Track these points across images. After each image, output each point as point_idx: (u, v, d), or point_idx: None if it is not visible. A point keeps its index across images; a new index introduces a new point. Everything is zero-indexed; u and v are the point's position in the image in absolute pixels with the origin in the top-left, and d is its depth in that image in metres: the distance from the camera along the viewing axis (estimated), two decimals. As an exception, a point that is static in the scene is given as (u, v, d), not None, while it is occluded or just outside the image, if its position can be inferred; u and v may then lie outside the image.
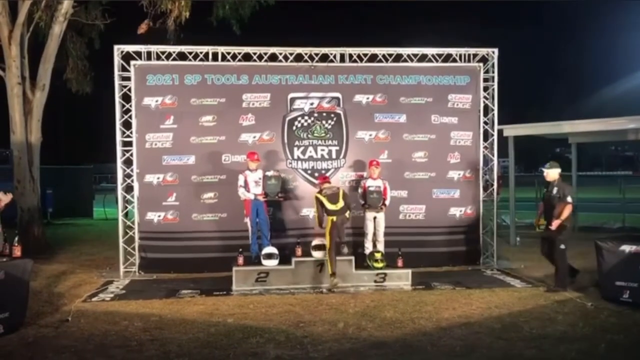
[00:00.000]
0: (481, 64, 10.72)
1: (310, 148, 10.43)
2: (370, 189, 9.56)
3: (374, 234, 9.64)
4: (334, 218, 8.84)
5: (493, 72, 10.72)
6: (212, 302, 7.92)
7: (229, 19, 13.65)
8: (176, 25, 13.05)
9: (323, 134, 10.47)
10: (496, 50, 10.69)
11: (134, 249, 10.10)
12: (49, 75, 12.87)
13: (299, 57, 10.48)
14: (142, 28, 12.66)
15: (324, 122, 10.47)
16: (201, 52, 10.27)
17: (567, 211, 8.15)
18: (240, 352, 5.81)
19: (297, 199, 10.28)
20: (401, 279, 8.93)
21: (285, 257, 9.08)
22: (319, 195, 9.04)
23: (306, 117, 10.46)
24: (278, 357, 5.68)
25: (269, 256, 8.93)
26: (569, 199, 8.21)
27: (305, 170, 10.38)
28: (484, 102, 10.75)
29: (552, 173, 8.52)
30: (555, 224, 8.15)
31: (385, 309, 7.39)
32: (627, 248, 7.49)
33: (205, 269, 9.87)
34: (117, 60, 10.11)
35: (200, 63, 10.26)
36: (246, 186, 9.38)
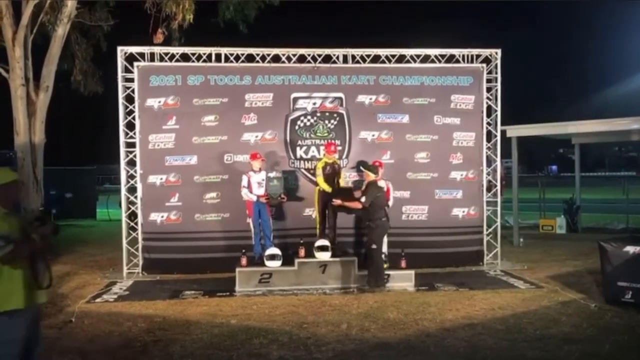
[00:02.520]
0: (484, 65, 10.71)
1: (313, 148, 10.43)
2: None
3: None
4: None
5: (496, 73, 10.72)
6: (216, 303, 7.93)
7: (235, 20, 13.66)
8: (180, 28, 13.04)
9: (326, 134, 10.47)
10: (499, 51, 10.69)
11: (137, 249, 10.11)
12: (53, 76, 12.88)
13: (302, 58, 10.51)
14: (159, 38, 12.66)
15: (326, 121, 10.48)
16: (204, 54, 10.28)
17: (352, 205, 8.92)
18: (243, 353, 5.81)
19: (299, 199, 10.27)
20: (404, 280, 8.92)
21: (288, 258, 9.08)
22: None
23: (309, 117, 10.47)
24: (281, 358, 5.68)
25: (272, 257, 8.93)
26: (363, 199, 8.67)
27: (307, 169, 10.37)
28: (487, 102, 10.74)
29: (366, 175, 8.95)
30: (336, 202, 9.05)
31: (388, 310, 7.38)
32: (630, 249, 7.46)
33: (209, 270, 9.88)
34: (120, 61, 10.13)
35: (203, 64, 10.28)
36: (249, 187, 9.38)
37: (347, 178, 10.37)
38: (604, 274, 7.86)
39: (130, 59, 10.18)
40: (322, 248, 8.98)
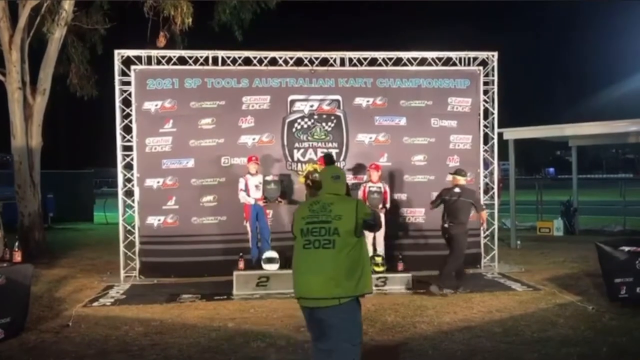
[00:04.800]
0: (481, 68, 10.72)
1: (310, 150, 10.41)
2: (372, 189, 9.55)
3: (374, 238, 9.61)
4: None
5: (493, 76, 10.72)
6: (213, 306, 7.91)
7: (231, 23, 13.65)
8: (181, 32, 13.02)
9: (323, 136, 10.47)
10: (496, 54, 10.69)
11: (134, 253, 10.08)
12: (50, 80, 12.87)
13: (299, 61, 10.50)
14: (161, 41, 12.67)
15: (324, 124, 10.48)
16: (201, 57, 10.27)
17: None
18: (241, 357, 5.80)
19: (295, 202, 10.25)
20: (402, 283, 8.91)
21: (286, 261, 9.06)
22: None
23: (306, 119, 10.46)
24: (279, 361, 5.67)
25: (270, 260, 8.92)
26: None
27: (303, 171, 10.35)
28: (484, 105, 10.75)
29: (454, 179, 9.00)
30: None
31: (386, 313, 7.37)
32: (625, 248, 7.61)
33: (206, 273, 9.86)
34: (117, 65, 10.12)
35: (201, 67, 10.27)
36: (246, 190, 9.38)
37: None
38: (603, 275, 7.91)
39: (127, 62, 10.16)
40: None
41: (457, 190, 8.74)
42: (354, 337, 4.12)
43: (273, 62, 10.44)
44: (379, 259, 9.08)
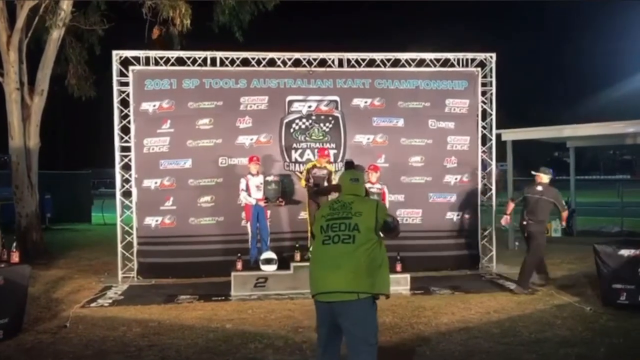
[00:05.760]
0: (479, 69, 10.73)
1: (308, 151, 10.42)
2: (370, 190, 9.53)
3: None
4: None
5: (491, 77, 10.73)
6: (211, 307, 7.91)
7: (230, 24, 13.65)
8: (179, 32, 13.01)
9: (321, 137, 10.48)
10: (494, 55, 10.71)
11: (132, 254, 10.08)
12: (48, 80, 12.84)
13: (297, 62, 10.50)
14: (155, 33, 12.65)
15: (322, 125, 10.48)
16: (199, 58, 10.27)
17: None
18: (239, 358, 5.80)
19: (295, 202, 10.26)
20: (400, 283, 8.90)
21: (284, 262, 9.06)
22: None
23: (304, 120, 10.46)
24: (277, 362, 5.66)
25: (268, 261, 8.91)
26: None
27: (302, 173, 10.36)
28: (482, 106, 10.76)
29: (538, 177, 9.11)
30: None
31: (384, 314, 7.35)
32: (625, 252, 7.48)
33: (204, 274, 9.86)
34: (115, 65, 10.11)
35: (199, 68, 10.27)
36: (247, 190, 9.38)
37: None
38: (599, 277, 7.88)
39: (125, 62, 10.16)
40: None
41: (539, 188, 8.84)
42: (369, 337, 4.16)
43: (271, 62, 10.45)
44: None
